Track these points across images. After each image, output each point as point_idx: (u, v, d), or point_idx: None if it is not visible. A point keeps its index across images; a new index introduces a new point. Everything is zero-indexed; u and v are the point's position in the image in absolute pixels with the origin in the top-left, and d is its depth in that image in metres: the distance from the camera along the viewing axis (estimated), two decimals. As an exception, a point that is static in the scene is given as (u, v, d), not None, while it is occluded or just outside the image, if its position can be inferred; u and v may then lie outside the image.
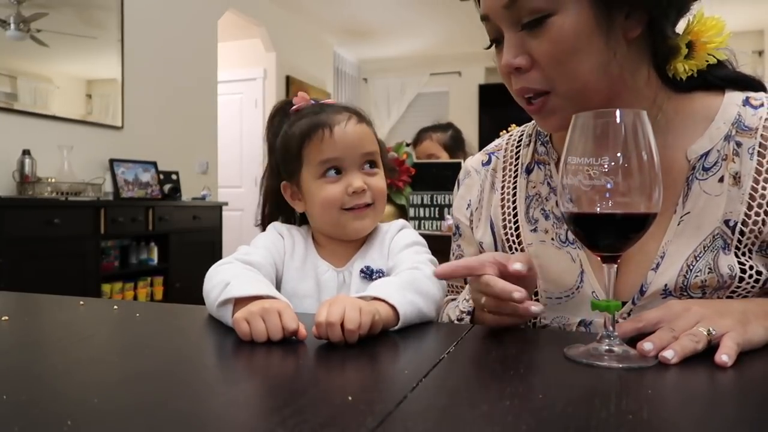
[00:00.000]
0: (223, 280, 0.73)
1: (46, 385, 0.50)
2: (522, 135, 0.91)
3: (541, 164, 0.85)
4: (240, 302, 0.69)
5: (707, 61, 0.72)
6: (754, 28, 6.20)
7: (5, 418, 0.41)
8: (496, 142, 0.95)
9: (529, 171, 0.86)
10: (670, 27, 0.71)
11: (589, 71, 0.69)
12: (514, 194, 0.86)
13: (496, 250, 0.86)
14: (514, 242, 0.84)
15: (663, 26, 0.70)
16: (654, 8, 0.68)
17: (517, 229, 0.84)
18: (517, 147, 0.90)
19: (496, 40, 0.75)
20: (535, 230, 0.82)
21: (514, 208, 0.85)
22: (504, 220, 0.86)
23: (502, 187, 0.88)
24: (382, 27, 6.41)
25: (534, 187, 0.84)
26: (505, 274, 0.67)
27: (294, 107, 0.93)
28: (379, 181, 0.89)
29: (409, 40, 6.81)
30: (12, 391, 0.47)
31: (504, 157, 0.90)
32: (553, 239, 0.80)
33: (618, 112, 0.55)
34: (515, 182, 0.87)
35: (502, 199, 0.87)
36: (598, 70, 0.69)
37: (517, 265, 0.66)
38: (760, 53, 6.22)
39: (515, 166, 0.88)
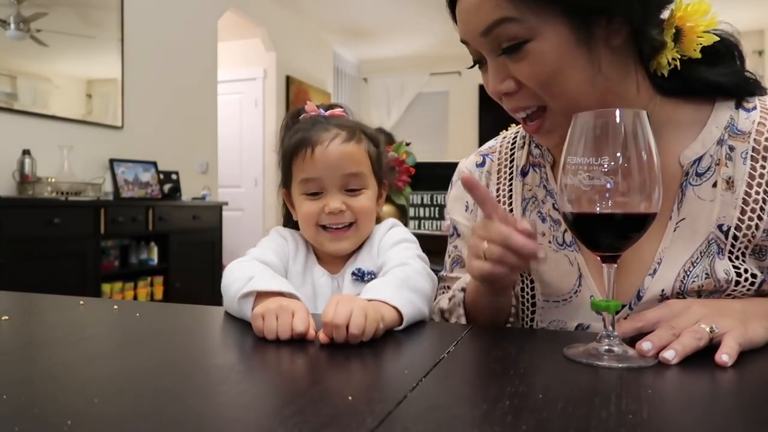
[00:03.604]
0: (246, 275, 0.75)
1: (46, 386, 0.50)
2: (516, 137, 0.90)
3: (537, 167, 0.84)
4: (261, 297, 0.70)
5: (695, 48, 0.69)
6: (754, 28, 6.20)
7: (5, 418, 0.41)
8: (490, 143, 0.94)
9: (524, 173, 0.85)
10: (654, 25, 0.68)
11: (577, 87, 0.68)
12: (510, 197, 0.85)
13: None
14: None
15: (645, 26, 0.67)
16: (631, 13, 0.66)
17: None
18: (511, 149, 0.89)
19: (479, 61, 0.75)
20: None
21: (511, 211, 0.84)
22: None
23: (497, 190, 0.87)
24: (382, 27, 6.41)
25: (530, 189, 0.84)
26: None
27: (302, 116, 0.93)
28: (362, 201, 0.87)
29: (409, 40, 6.80)
30: (12, 391, 0.47)
31: (498, 159, 0.90)
32: (550, 242, 0.80)
33: (618, 112, 0.55)
34: (511, 185, 0.86)
35: (498, 202, 0.86)
36: (586, 85, 0.68)
37: (524, 223, 0.65)
38: (760, 53, 6.22)
39: (510, 168, 0.87)
